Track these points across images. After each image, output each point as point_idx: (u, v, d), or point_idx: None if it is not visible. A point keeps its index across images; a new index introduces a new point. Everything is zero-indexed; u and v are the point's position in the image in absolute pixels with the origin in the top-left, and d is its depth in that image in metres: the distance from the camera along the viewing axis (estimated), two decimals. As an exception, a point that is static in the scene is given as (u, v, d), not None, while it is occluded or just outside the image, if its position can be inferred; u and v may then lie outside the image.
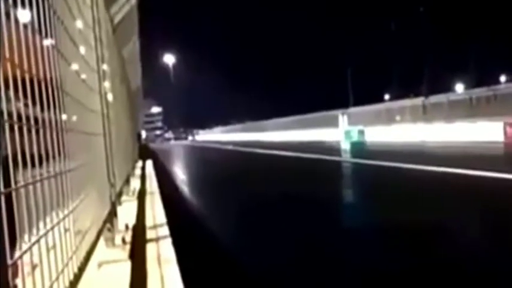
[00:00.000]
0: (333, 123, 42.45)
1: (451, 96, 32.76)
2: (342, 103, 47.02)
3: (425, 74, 44.76)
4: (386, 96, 63.15)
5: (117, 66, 8.37)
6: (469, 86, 41.93)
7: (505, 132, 23.97)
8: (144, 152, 29.71)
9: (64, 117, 2.95)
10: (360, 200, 9.35)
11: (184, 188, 12.92)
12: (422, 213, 7.20)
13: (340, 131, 38.90)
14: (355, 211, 8.02)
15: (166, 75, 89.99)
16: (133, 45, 13.03)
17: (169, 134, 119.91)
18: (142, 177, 14.13)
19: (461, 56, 43.92)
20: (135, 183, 10.91)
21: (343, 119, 42.05)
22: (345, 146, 29.29)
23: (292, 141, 46.19)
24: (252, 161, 23.34)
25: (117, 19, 8.30)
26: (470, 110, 28.67)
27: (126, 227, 5.45)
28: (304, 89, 74.45)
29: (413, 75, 52.34)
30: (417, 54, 48.92)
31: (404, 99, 37.86)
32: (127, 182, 8.99)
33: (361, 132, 36.15)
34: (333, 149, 26.72)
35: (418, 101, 34.98)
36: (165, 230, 5.90)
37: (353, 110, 42.70)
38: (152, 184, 12.53)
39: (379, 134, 34.81)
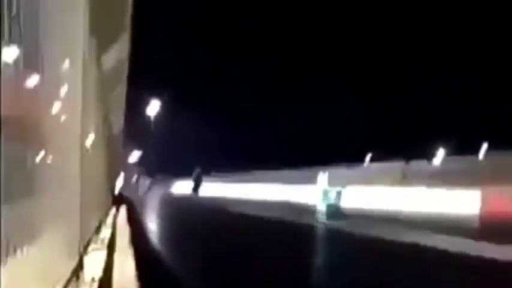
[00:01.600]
0: (313, 180, 42.29)
1: (432, 163, 32.95)
2: (323, 160, 46.97)
3: (407, 138, 45.25)
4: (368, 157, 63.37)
5: (100, 111, 8.23)
6: (450, 152, 42.40)
7: (483, 202, 23.98)
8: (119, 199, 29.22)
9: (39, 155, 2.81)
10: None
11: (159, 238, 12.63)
12: None
13: (318, 191, 38.73)
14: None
15: (148, 121, 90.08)
16: (120, 90, 12.96)
17: (146, 180, 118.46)
18: (114, 226, 13.79)
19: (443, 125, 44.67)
20: (106, 232, 10.61)
21: (322, 178, 41.92)
22: (321, 208, 28.96)
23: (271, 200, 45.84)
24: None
25: (106, 66, 8.23)
26: (449, 179, 28.75)
27: (93, 279, 5.20)
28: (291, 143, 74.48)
29: (397, 138, 52.89)
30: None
31: (387, 162, 37.97)
32: (98, 230, 8.71)
33: (339, 194, 36.05)
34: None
35: (399, 165, 35.09)
36: (132, 286, 5.64)
37: (334, 169, 42.76)
38: (124, 233, 12.21)
39: (359, 196, 34.71)
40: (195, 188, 62.53)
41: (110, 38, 8.34)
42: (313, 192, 39.84)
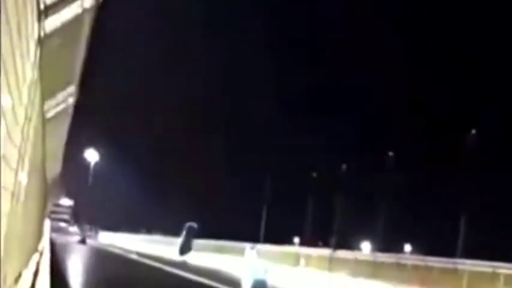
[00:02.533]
0: (241, 253, 42.15)
1: (357, 255, 33.50)
2: (252, 237, 47.10)
3: (334, 228, 46.08)
4: (296, 239, 63.74)
5: (38, 160, 8.23)
6: (375, 247, 43.30)
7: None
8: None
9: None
10: None
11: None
12: None
13: (245, 265, 38.52)
14: None
15: (85, 170, 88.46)
16: (59, 140, 12.93)
17: (74, 229, 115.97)
18: (36, 273, 13.39)
19: (371, 218, 45.76)
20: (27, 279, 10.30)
21: (250, 253, 41.81)
22: (248, 281, 28.85)
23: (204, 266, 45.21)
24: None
25: (49, 115, 8.31)
26: (374, 271, 29.23)
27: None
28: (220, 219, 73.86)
29: (324, 224, 53.74)
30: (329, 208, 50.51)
31: (314, 248, 38.39)
32: (19, 277, 8.50)
33: (266, 271, 35.95)
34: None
35: (326, 252, 35.51)
36: None
37: (262, 246, 42.80)
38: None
39: (285, 276, 34.68)
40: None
41: (56, 88, 8.46)
42: (241, 265, 39.71)
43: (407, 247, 51.51)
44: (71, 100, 9.97)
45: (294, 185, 56.89)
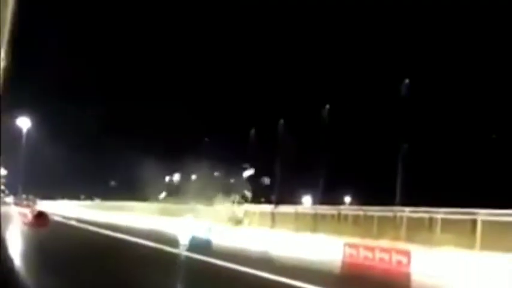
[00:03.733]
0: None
1: (298, 209, 33.93)
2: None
3: (275, 183, 46.41)
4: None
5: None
6: (316, 201, 43.97)
7: (344, 252, 24.95)
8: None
9: None
10: None
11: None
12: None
13: (184, 224, 38.48)
14: None
15: (18, 138, 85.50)
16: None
17: (10, 199, 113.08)
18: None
19: (311, 173, 46.26)
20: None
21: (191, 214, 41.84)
22: (185, 238, 28.75)
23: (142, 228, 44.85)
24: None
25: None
26: (315, 224, 29.70)
27: None
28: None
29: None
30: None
31: (256, 205, 38.59)
32: None
33: (210, 230, 36.02)
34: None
35: (269, 208, 35.78)
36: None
37: (203, 207, 42.85)
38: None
39: (227, 234, 34.83)
40: None
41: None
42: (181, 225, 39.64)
43: (348, 199, 52.53)
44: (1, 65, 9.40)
45: (233, 141, 56.63)
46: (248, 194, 46.85)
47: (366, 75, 46.50)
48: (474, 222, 20.33)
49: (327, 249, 25.89)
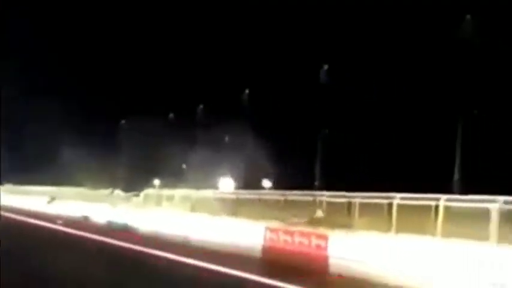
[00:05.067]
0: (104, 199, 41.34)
1: (219, 193, 33.91)
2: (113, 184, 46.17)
3: (194, 167, 46.32)
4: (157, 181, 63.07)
5: None
6: (237, 186, 44.15)
7: (265, 237, 25.05)
8: None
9: None
10: None
11: None
12: None
13: (107, 209, 37.76)
14: None
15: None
16: None
17: None
18: None
19: (231, 157, 46.40)
20: None
21: (112, 197, 41.08)
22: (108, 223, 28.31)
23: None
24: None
25: None
26: (236, 209, 29.64)
27: None
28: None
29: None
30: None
31: (176, 190, 38.27)
32: None
33: (125, 214, 35.53)
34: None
35: (189, 192, 35.54)
36: None
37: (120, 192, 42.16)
38: None
39: (144, 218, 34.33)
40: None
41: None
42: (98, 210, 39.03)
43: (268, 183, 52.99)
44: None
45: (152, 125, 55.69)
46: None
47: (286, 60, 46.62)
48: (390, 206, 20.83)
49: (248, 233, 25.93)
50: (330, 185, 27.00)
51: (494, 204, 16.94)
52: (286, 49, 48.59)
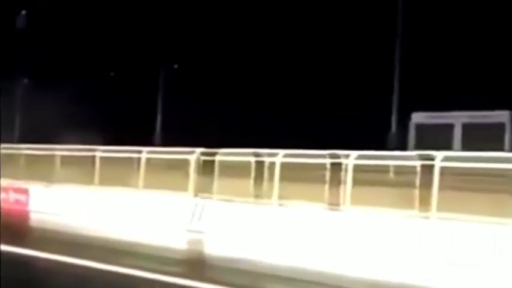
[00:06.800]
0: None
1: None
2: None
3: None
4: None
5: None
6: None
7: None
8: None
9: None
10: None
11: None
12: None
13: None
14: None
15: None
16: None
17: None
18: None
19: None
20: None
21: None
22: None
23: None
24: None
25: None
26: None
27: None
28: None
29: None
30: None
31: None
32: None
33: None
34: None
35: None
36: None
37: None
38: None
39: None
40: None
41: None
42: None
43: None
44: None
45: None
46: None
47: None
48: (94, 158, 20.93)
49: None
50: (30, 137, 25.71)
51: (192, 155, 18.25)
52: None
